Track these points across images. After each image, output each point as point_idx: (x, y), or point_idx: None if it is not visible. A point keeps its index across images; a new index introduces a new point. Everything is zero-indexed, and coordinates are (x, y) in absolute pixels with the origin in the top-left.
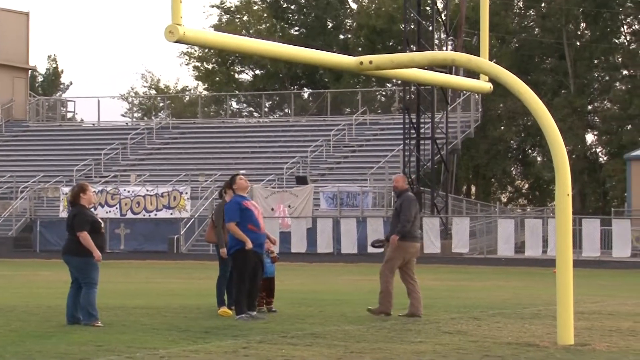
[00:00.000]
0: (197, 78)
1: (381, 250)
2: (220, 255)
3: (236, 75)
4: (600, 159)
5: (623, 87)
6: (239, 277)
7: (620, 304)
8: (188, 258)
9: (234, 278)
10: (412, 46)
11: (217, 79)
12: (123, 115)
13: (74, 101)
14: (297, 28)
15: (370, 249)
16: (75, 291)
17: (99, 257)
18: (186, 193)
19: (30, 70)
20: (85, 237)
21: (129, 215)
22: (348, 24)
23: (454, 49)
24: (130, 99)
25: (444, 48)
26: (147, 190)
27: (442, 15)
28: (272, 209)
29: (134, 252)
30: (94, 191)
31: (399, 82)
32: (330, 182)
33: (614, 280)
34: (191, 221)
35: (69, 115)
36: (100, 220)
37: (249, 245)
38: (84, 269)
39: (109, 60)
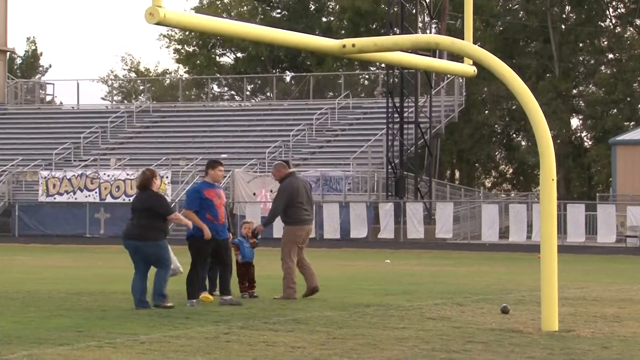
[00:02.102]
0: (178, 61)
1: (364, 236)
2: None
3: (217, 58)
4: (585, 144)
5: (608, 71)
6: (192, 264)
7: (605, 290)
8: (169, 243)
9: (190, 264)
10: (395, 29)
11: (198, 62)
12: (103, 99)
13: (53, 84)
14: (279, 10)
15: (354, 234)
16: (142, 276)
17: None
18: (167, 177)
19: (8, 53)
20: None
21: (109, 199)
22: (331, 7)
23: (438, 32)
24: (110, 82)
25: (428, 31)
26: (127, 174)
27: None
28: (254, 194)
29: (114, 236)
30: (74, 175)
31: (383, 65)
32: (312, 167)
33: (598, 266)
34: (172, 205)
35: (48, 98)
36: None
37: (207, 234)
38: (158, 252)
39: (89, 42)
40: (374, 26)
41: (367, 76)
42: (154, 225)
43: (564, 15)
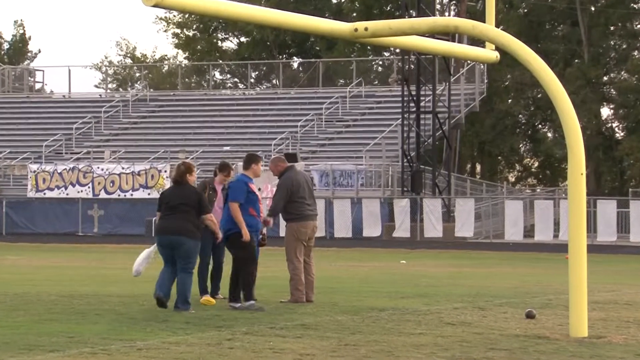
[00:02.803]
0: (177, 46)
1: (378, 234)
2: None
3: (219, 43)
4: (617, 135)
5: None
6: (243, 262)
7: (638, 293)
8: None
9: (237, 264)
10: (411, 11)
11: (199, 47)
12: (96, 87)
13: (43, 70)
14: None
15: (367, 232)
16: (171, 272)
17: (248, 237)
18: (165, 171)
19: None
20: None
21: (103, 195)
22: None
23: (457, 15)
24: (104, 69)
25: (447, 13)
26: (123, 168)
27: None
28: (259, 189)
29: (108, 235)
30: (65, 169)
31: (397, 50)
32: (322, 160)
33: (631, 267)
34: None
35: (37, 86)
36: None
37: (246, 236)
38: (192, 252)
39: (81, 26)
40: (388, 8)
41: (380, 62)
42: (192, 221)
43: None
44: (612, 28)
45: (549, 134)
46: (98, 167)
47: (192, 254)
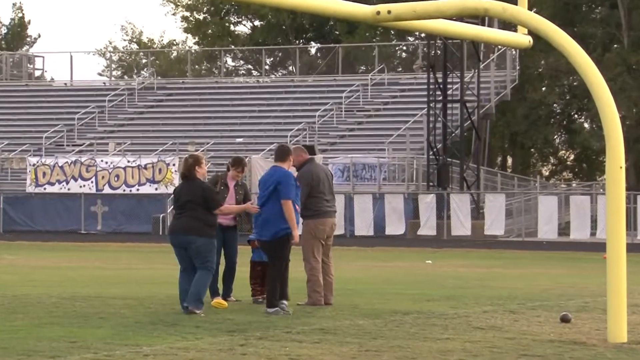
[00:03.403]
0: (186, 30)
1: (401, 232)
2: None
3: (232, 27)
4: None
5: None
6: (285, 266)
7: None
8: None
9: (274, 266)
10: None
11: (210, 31)
12: (100, 74)
13: (43, 57)
14: None
15: (390, 230)
16: (190, 278)
17: (297, 239)
18: (173, 165)
19: None
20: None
21: (107, 190)
22: None
23: None
24: (108, 55)
25: None
26: (128, 162)
27: None
28: None
29: (112, 233)
30: (67, 162)
31: (423, 35)
32: (341, 153)
33: None
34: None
35: (37, 73)
36: None
37: (297, 239)
38: (206, 250)
39: (84, 9)
40: None
41: (404, 48)
42: (205, 218)
43: None
44: None
45: (586, 125)
46: (102, 160)
47: (207, 252)
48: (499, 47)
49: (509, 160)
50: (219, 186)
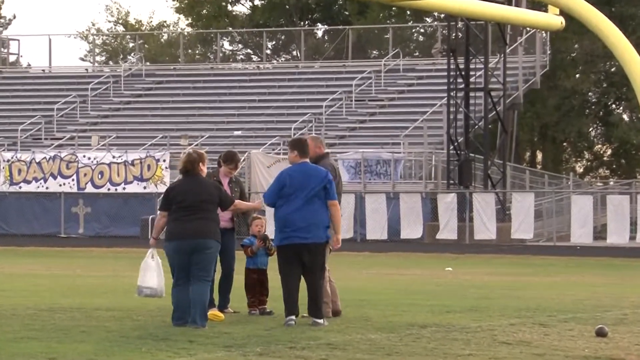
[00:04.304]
0: (178, 10)
1: (418, 236)
2: None
3: (229, 7)
4: None
5: None
6: (324, 272)
7: None
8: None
9: (321, 273)
10: None
11: (204, 11)
12: (82, 59)
13: (18, 40)
14: None
15: (405, 234)
16: (187, 292)
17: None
18: (164, 160)
19: None
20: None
21: (90, 189)
22: None
23: None
24: (91, 38)
25: None
26: (114, 157)
27: None
28: None
29: (96, 237)
30: (45, 157)
31: (442, 16)
32: (352, 147)
33: None
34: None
35: (12, 58)
36: None
37: (340, 243)
38: (212, 257)
39: None
40: None
41: (422, 30)
42: (216, 220)
43: None
44: None
45: (625, 116)
46: (84, 156)
47: (212, 262)
48: (528, 29)
49: (539, 156)
50: None
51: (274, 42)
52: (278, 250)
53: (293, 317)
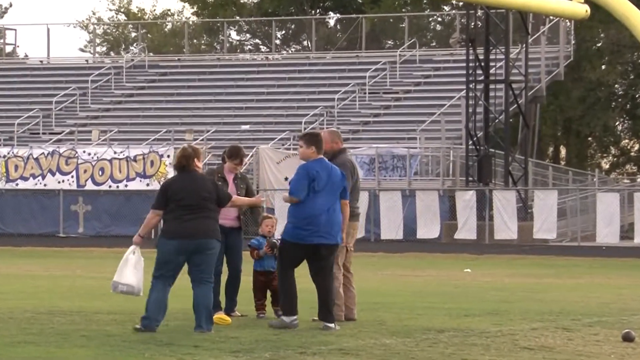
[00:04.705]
0: None
1: (435, 235)
2: None
3: None
4: None
5: None
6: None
7: None
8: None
9: (332, 273)
10: None
11: (211, 0)
12: (82, 50)
13: (15, 30)
14: None
15: (421, 233)
16: (165, 287)
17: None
18: (168, 156)
19: None
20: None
21: (90, 186)
22: None
23: None
24: (91, 28)
25: None
26: (115, 153)
27: None
28: (286, 179)
29: (96, 236)
30: (43, 153)
31: (461, 4)
32: (365, 142)
33: None
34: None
35: (8, 49)
36: None
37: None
38: (214, 258)
39: None
40: None
41: (439, 19)
42: (216, 217)
43: None
44: None
45: None
46: (84, 151)
47: (214, 259)
48: (551, 17)
49: (562, 151)
50: (216, 181)
51: (283, 32)
52: (289, 246)
53: (297, 316)
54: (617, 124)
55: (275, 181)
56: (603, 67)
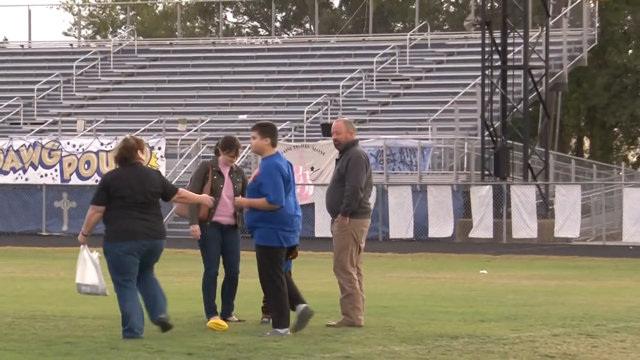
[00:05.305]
0: None
1: (449, 234)
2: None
3: None
4: None
5: None
6: None
7: None
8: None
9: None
10: None
11: None
12: (65, 34)
13: None
14: None
15: (434, 232)
16: (135, 293)
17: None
18: (159, 148)
19: None
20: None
21: (75, 180)
22: None
23: None
24: (76, 9)
25: None
26: (102, 144)
27: None
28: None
29: None
30: (24, 145)
31: None
32: (372, 133)
33: None
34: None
35: None
36: None
37: None
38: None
39: None
40: None
41: (452, 0)
42: (160, 214)
43: None
44: None
45: None
46: (68, 143)
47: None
48: None
49: (586, 143)
50: (210, 175)
51: (284, 14)
52: (275, 252)
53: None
54: None
55: None
56: (630, 51)
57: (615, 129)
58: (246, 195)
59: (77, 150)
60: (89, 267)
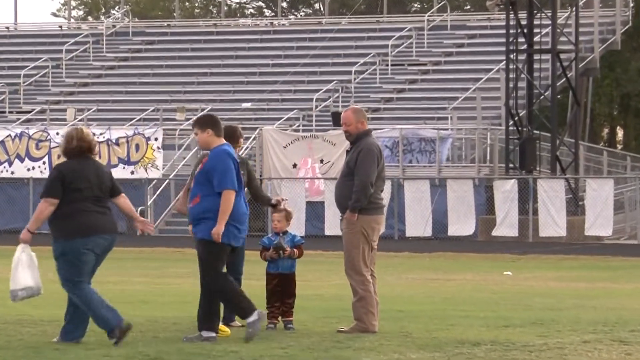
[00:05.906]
0: None
1: (470, 232)
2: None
3: None
4: None
5: None
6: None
7: None
8: (159, 243)
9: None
10: None
11: None
12: (54, 15)
13: None
14: None
15: (454, 230)
16: (94, 289)
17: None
18: (155, 139)
19: None
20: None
21: None
22: None
23: None
24: None
25: None
26: (94, 135)
27: None
28: (295, 165)
29: None
30: (10, 135)
31: None
32: (387, 123)
33: None
34: (164, 184)
35: None
36: None
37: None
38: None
39: None
40: None
41: None
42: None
43: None
44: None
45: None
46: (57, 133)
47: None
48: None
49: (619, 133)
50: None
51: None
52: (224, 249)
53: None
54: None
55: (281, 168)
56: None
57: None
58: (193, 185)
59: None
60: (22, 268)
